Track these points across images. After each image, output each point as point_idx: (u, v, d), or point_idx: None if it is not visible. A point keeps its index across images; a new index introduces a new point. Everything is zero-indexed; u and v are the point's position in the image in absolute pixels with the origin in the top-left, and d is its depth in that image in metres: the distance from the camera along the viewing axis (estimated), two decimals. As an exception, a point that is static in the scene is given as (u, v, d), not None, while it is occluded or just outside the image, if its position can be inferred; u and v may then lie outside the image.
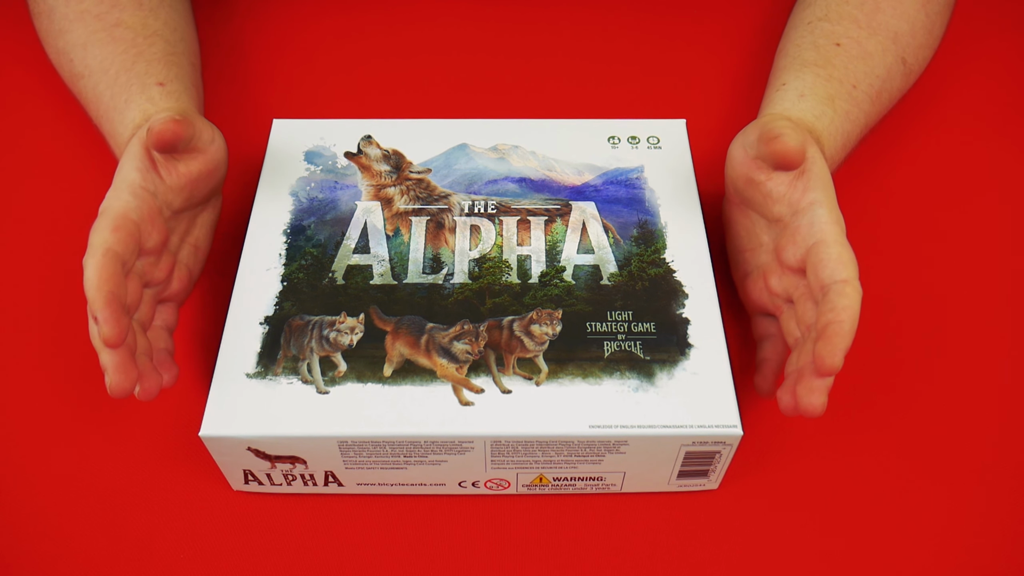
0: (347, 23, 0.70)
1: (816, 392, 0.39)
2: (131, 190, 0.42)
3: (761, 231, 0.47)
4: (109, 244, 0.40)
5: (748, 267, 0.47)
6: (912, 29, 0.54)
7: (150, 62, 0.51)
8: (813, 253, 0.41)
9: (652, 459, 0.43)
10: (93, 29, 0.53)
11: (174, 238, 0.46)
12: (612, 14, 0.71)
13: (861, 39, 0.53)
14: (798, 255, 0.43)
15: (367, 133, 0.54)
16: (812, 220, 0.42)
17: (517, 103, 0.65)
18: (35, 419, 0.48)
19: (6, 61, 0.67)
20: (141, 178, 0.43)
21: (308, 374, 0.43)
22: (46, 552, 0.44)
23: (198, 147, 0.45)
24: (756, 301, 0.47)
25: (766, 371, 0.45)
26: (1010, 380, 0.50)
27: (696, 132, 0.63)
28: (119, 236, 0.40)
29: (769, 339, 0.46)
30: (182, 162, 0.45)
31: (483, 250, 0.48)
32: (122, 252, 0.40)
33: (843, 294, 0.39)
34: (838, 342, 0.38)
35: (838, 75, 0.51)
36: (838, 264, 0.40)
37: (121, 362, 0.39)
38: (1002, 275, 0.55)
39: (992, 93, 0.65)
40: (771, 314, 0.46)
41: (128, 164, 0.44)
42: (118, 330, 0.38)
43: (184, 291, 0.47)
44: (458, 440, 0.41)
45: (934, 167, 0.60)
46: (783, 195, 0.44)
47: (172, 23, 0.56)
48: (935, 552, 0.44)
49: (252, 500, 0.46)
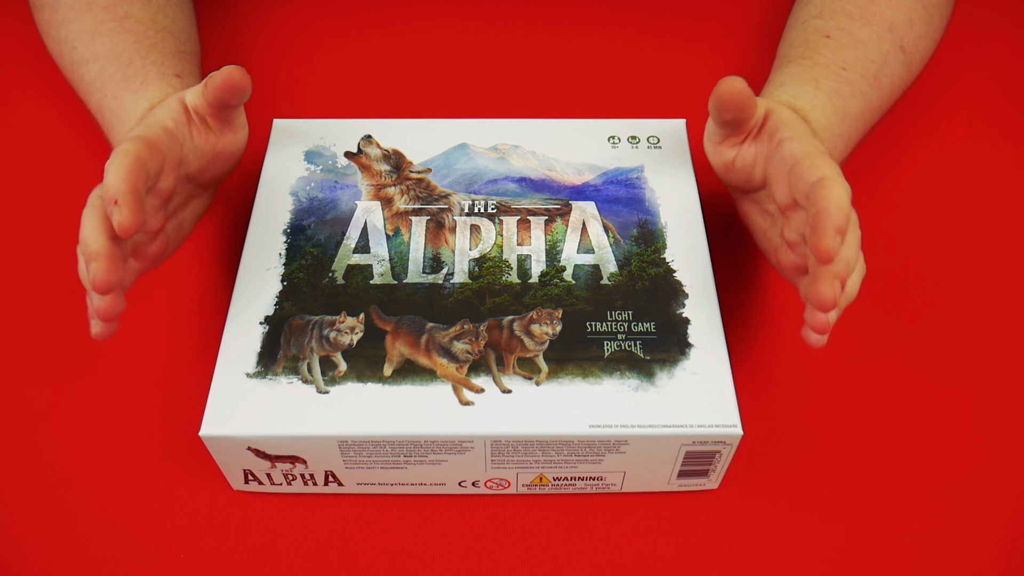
0: (347, 23, 0.70)
1: (822, 281, 0.38)
2: (164, 130, 0.43)
3: (766, 204, 0.46)
4: (140, 152, 0.39)
5: (773, 242, 0.46)
6: (909, 19, 0.54)
7: (164, 54, 0.52)
8: (793, 174, 0.41)
9: (652, 459, 0.43)
10: (101, 19, 0.53)
11: (174, 201, 0.46)
12: (612, 14, 0.71)
13: (853, 29, 0.53)
14: (785, 188, 0.42)
15: (367, 133, 0.54)
16: (783, 153, 0.42)
17: (517, 103, 0.65)
18: (35, 419, 0.48)
19: (6, 61, 0.67)
20: (174, 125, 0.44)
21: (308, 374, 0.43)
22: (46, 552, 0.44)
23: (232, 124, 0.46)
24: (788, 264, 0.45)
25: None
26: (1013, 380, 0.50)
27: (696, 132, 0.63)
28: (151, 152, 0.40)
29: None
30: (214, 131, 0.46)
31: (483, 250, 0.48)
32: (149, 166, 0.39)
33: (823, 186, 0.38)
34: (828, 223, 0.37)
35: (823, 61, 0.51)
36: (811, 168, 0.39)
37: (111, 257, 0.38)
38: (1007, 273, 0.55)
39: (996, 91, 0.65)
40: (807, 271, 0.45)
41: (164, 112, 0.44)
42: (135, 219, 0.37)
43: (156, 258, 0.44)
44: (458, 440, 0.41)
45: (939, 164, 0.60)
46: (756, 155, 0.45)
47: (179, 23, 0.56)
48: (935, 552, 0.44)
49: (252, 500, 0.46)
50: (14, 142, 0.62)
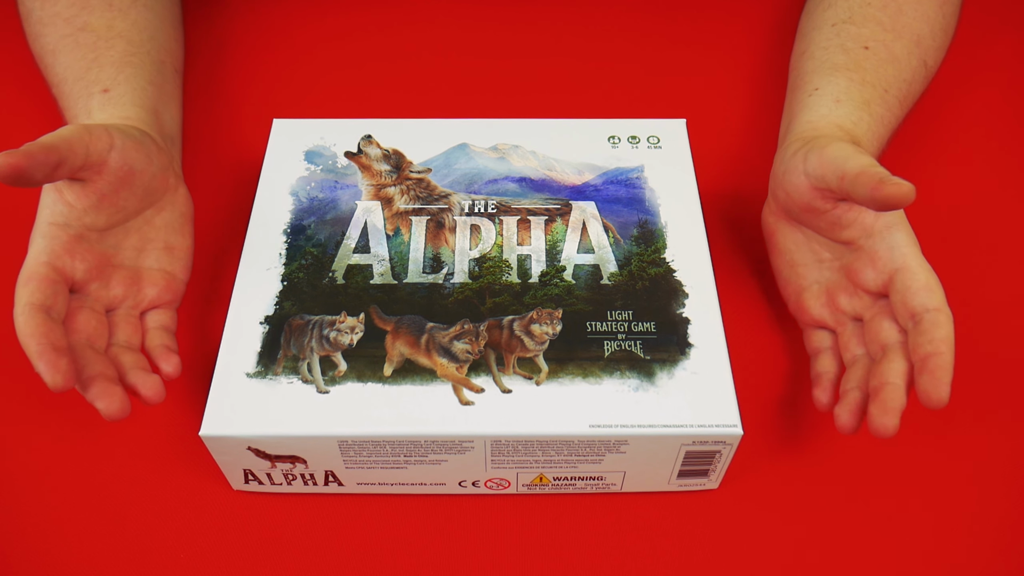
0: (347, 23, 0.70)
1: (890, 414, 0.39)
2: (40, 231, 0.42)
3: (821, 247, 0.46)
4: (26, 298, 0.40)
5: (805, 281, 0.47)
6: (932, 31, 0.54)
7: (103, 67, 0.51)
8: (899, 279, 0.41)
9: (652, 459, 0.43)
10: (62, 34, 0.53)
11: (125, 251, 0.45)
12: (612, 14, 0.71)
13: (888, 42, 0.52)
14: (879, 280, 0.42)
15: (367, 133, 0.54)
16: (892, 244, 0.42)
17: (517, 103, 0.65)
18: (35, 419, 0.48)
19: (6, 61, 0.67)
20: (49, 213, 0.42)
21: (308, 374, 0.43)
22: (46, 552, 0.44)
23: (91, 162, 0.42)
24: (815, 317, 0.46)
25: (825, 384, 0.44)
26: (1015, 380, 0.50)
27: (696, 132, 0.63)
28: (32, 287, 0.40)
29: (825, 352, 0.46)
30: (87, 182, 0.42)
31: (483, 250, 0.48)
32: (41, 301, 0.40)
33: (938, 324, 0.39)
34: (942, 375, 0.38)
35: (871, 79, 0.50)
36: (927, 292, 0.40)
37: (102, 390, 0.39)
38: (1009, 276, 0.55)
39: (999, 98, 0.65)
40: (829, 329, 0.46)
41: (41, 202, 0.43)
42: (60, 376, 0.38)
43: (167, 293, 0.46)
44: (458, 440, 0.41)
45: (940, 170, 0.60)
46: (854, 220, 0.43)
47: (142, 22, 0.54)
48: (935, 552, 0.44)
49: (252, 500, 0.46)
50: (13, 142, 0.62)
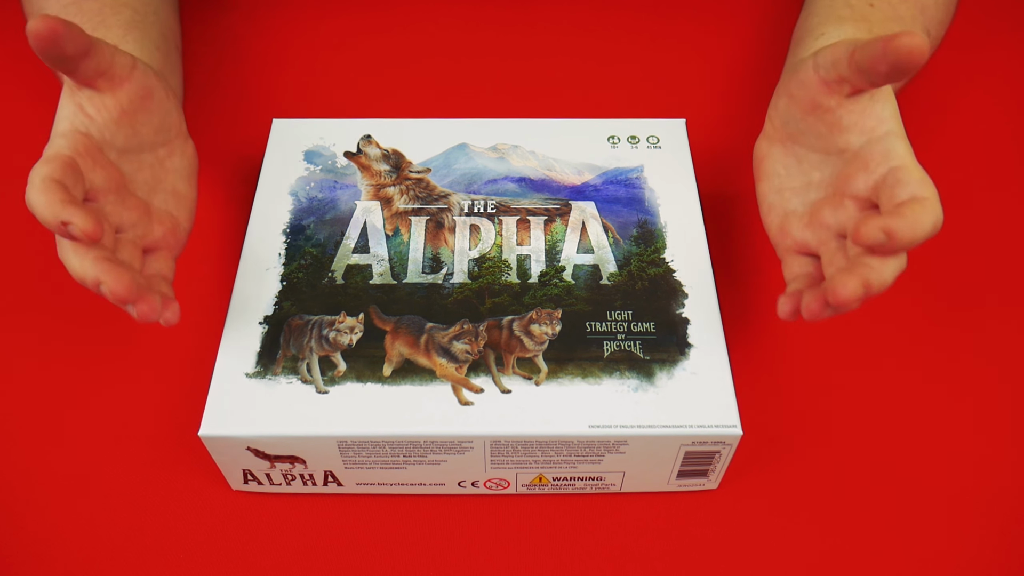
0: (347, 23, 0.70)
1: (853, 276, 0.36)
2: (61, 135, 0.41)
3: (811, 168, 0.44)
4: (45, 173, 0.38)
5: (791, 205, 0.45)
6: (936, 4, 0.54)
7: (110, 27, 0.50)
8: (891, 175, 0.39)
9: (652, 459, 0.43)
10: (65, 3, 0.52)
11: (139, 181, 0.44)
12: (612, 14, 0.71)
13: (894, 3, 0.51)
14: (870, 182, 0.41)
15: (367, 133, 0.54)
16: (888, 148, 0.40)
17: (517, 103, 0.65)
18: (35, 419, 0.49)
19: (6, 58, 0.67)
20: (70, 123, 0.41)
21: (308, 374, 0.43)
22: (46, 552, 0.44)
23: (114, 71, 0.41)
24: (797, 239, 0.44)
25: (794, 296, 0.41)
26: (1015, 381, 0.50)
27: (696, 132, 0.63)
28: (53, 166, 0.38)
29: (803, 277, 0.43)
30: (107, 94, 0.42)
31: (483, 250, 0.48)
32: (61, 178, 0.38)
33: (924, 207, 0.37)
34: (899, 221, 0.36)
35: (877, 31, 0.49)
36: (920, 184, 0.38)
37: (111, 267, 0.37)
38: (1011, 274, 0.55)
39: (1003, 91, 0.65)
40: (810, 254, 0.44)
41: (58, 115, 0.42)
42: (92, 221, 0.36)
43: (171, 237, 0.44)
44: (458, 440, 0.41)
45: (942, 163, 0.60)
46: (855, 123, 0.42)
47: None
48: (935, 552, 0.44)
49: (252, 500, 0.46)
50: (13, 142, 0.62)
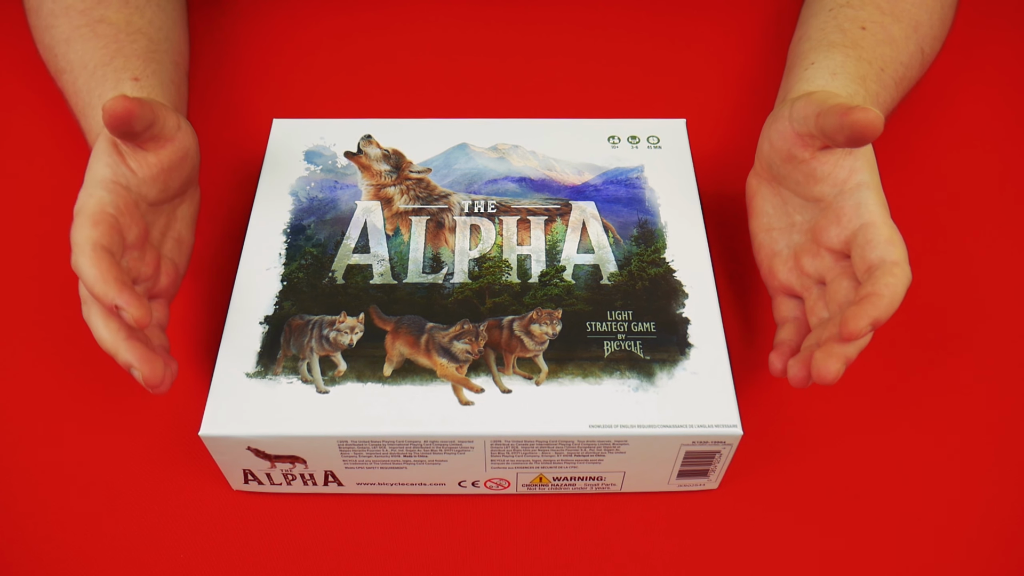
0: (347, 23, 0.70)
1: (833, 358, 0.38)
2: (103, 185, 0.41)
3: (794, 211, 0.46)
4: (95, 239, 0.39)
5: (777, 246, 0.46)
6: (930, 19, 0.54)
7: (128, 57, 0.51)
8: (861, 234, 0.40)
9: (652, 459, 0.43)
10: (77, 24, 0.53)
11: (155, 232, 0.45)
12: (612, 14, 0.71)
13: (886, 24, 0.52)
14: (842, 236, 0.42)
15: (367, 133, 0.54)
16: (859, 202, 0.41)
17: (517, 103, 0.65)
18: (35, 419, 0.48)
19: (6, 60, 0.67)
20: (112, 173, 0.42)
21: (308, 374, 0.43)
22: (46, 552, 0.44)
23: (164, 134, 0.43)
24: (783, 282, 0.46)
25: (783, 351, 0.44)
26: (1012, 385, 0.50)
27: (696, 132, 0.63)
28: (102, 230, 0.39)
29: (791, 322, 0.45)
30: (151, 152, 0.43)
31: (483, 250, 0.48)
32: (109, 245, 0.39)
33: (890, 273, 0.38)
34: (870, 310, 0.37)
35: (867, 56, 0.50)
36: (888, 245, 0.39)
37: (144, 353, 0.39)
38: (1009, 282, 0.55)
39: (995, 97, 0.65)
40: (797, 296, 0.46)
41: (98, 161, 0.42)
42: (144, 309, 0.37)
43: (172, 286, 0.46)
44: (458, 440, 0.41)
45: (937, 171, 0.60)
46: (828, 174, 0.43)
47: (158, 22, 0.55)
48: (934, 552, 0.44)
49: (252, 500, 0.46)
50: (13, 141, 0.62)
